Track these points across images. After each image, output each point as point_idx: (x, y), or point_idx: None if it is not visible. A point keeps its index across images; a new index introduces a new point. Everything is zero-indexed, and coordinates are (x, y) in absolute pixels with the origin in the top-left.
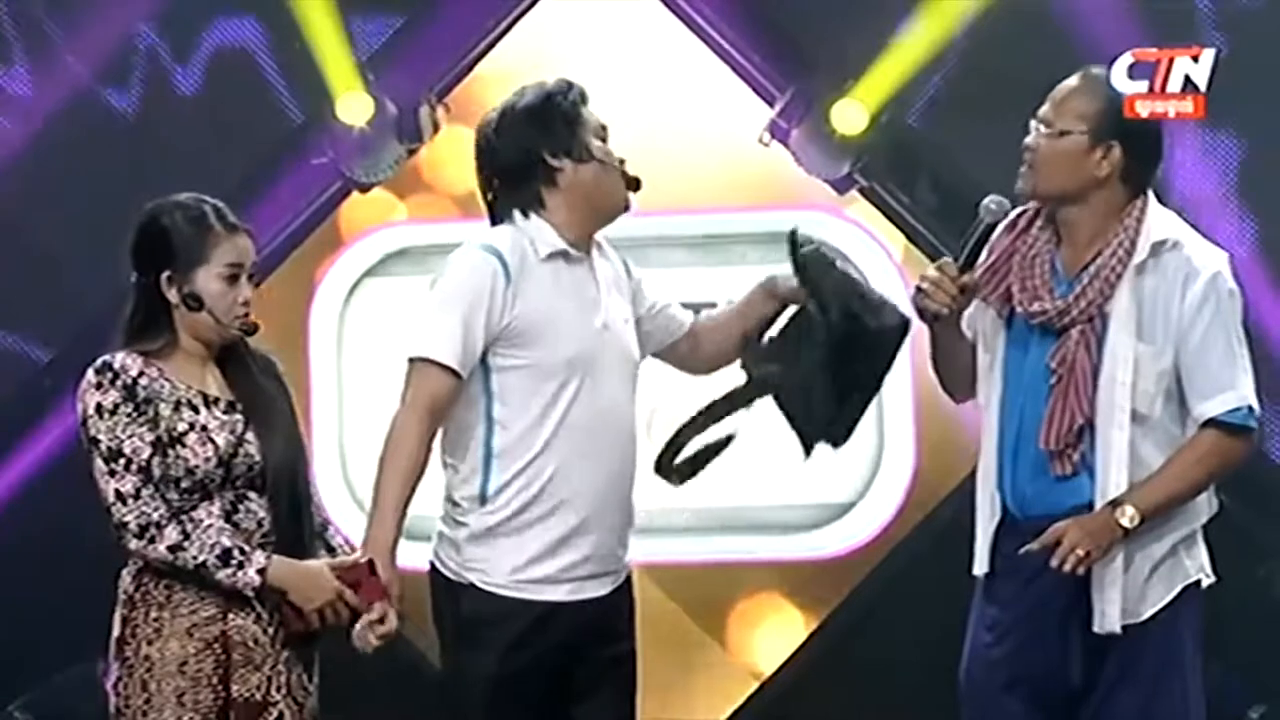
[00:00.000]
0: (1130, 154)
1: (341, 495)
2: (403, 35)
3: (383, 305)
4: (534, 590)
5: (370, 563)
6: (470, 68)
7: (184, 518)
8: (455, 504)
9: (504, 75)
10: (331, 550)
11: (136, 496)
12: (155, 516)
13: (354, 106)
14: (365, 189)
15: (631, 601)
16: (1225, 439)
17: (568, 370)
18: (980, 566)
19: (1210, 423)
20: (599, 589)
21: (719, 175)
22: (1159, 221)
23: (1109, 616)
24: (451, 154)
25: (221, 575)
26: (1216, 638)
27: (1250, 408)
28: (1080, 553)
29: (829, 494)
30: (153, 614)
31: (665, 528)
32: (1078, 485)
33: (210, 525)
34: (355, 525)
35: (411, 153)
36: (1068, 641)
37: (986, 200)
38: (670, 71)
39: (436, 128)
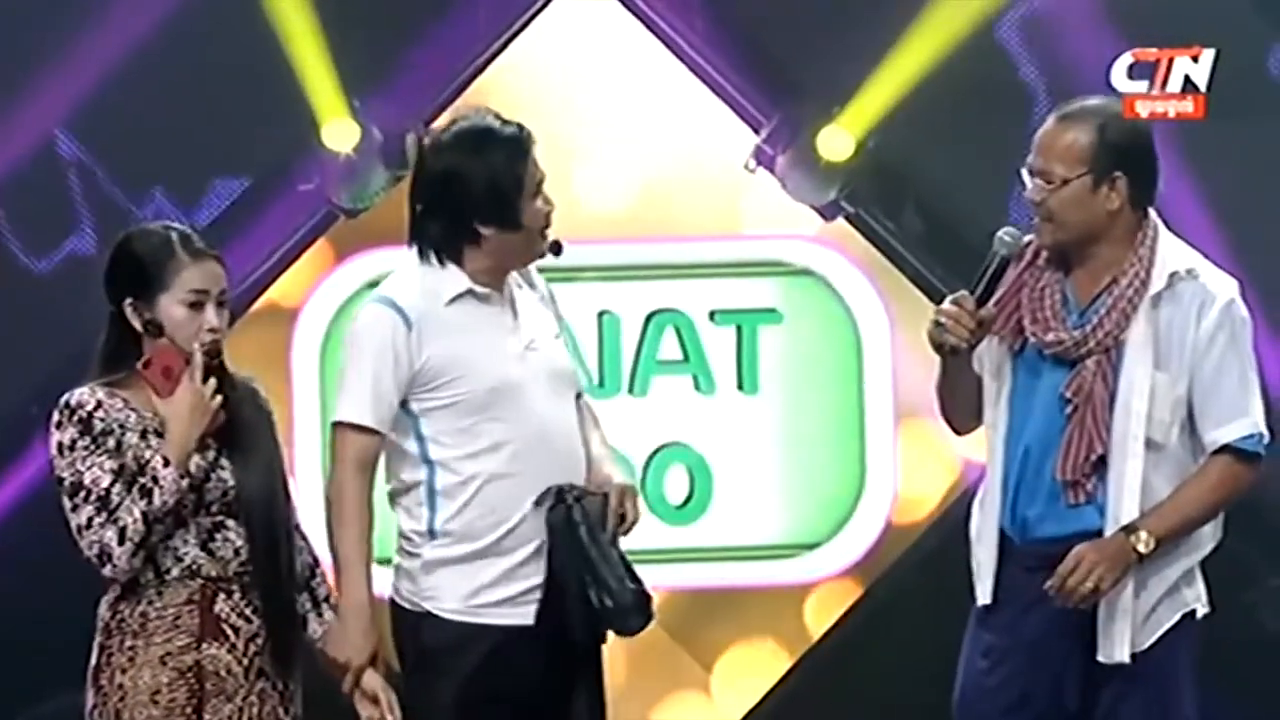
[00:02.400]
0: (1134, 178)
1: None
2: (389, 62)
3: None
4: (491, 615)
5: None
6: (457, 94)
7: (111, 511)
8: (407, 538)
9: (490, 102)
10: (318, 604)
11: (89, 527)
12: (106, 539)
13: (340, 133)
14: (351, 215)
15: None
16: (1237, 465)
17: (492, 400)
18: (984, 596)
19: (1223, 449)
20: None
21: (704, 202)
22: (1172, 251)
23: (1117, 647)
24: None
25: (159, 503)
26: (1205, 662)
27: (1261, 435)
28: (1096, 576)
29: (808, 522)
30: (127, 642)
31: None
32: (1084, 512)
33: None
34: None
35: (398, 179)
36: (1067, 668)
37: (1000, 233)
38: (656, 98)
39: None
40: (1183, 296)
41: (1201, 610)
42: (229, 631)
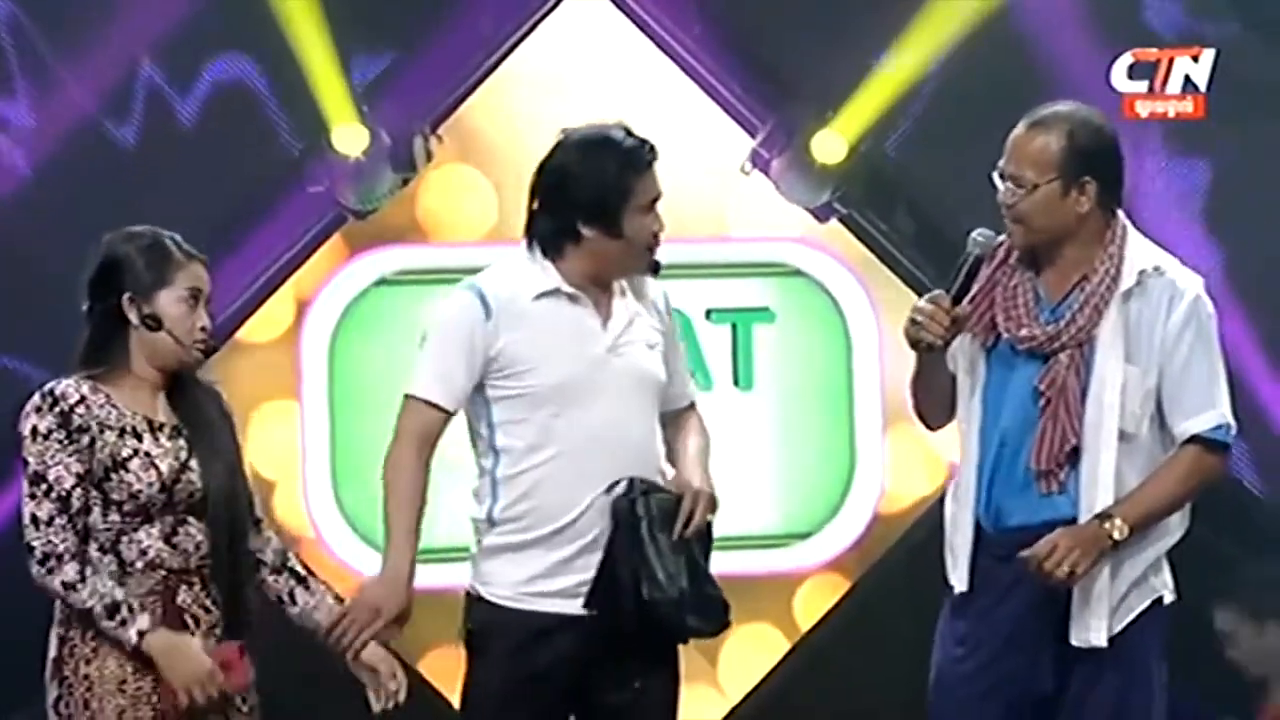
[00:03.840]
0: (1103, 181)
1: (332, 514)
2: (397, 68)
3: (378, 323)
4: (537, 602)
5: (241, 646)
6: (463, 99)
7: (85, 556)
8: (473, 523)
9: (493, 107)
10: (303, 581)
11: (49, 524)
12: (60, 549)
13: (349, 137)
14: (360, 217)
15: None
16: (1207, 456)
17: (558, 395)
18: (960, 584)
19: (1193, 440)
20: None
21: (701, 204)
22: (1140, 249)
23: (1092, 632)
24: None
25: (103, 625)
26: (1192, 656)
27: (1229, 425)
28: (1072, 560)
29: (799, 513)
30: (89, 633)
31: None
32: (1056, 502)
33: (104, 573)
34: (346, 544)
35: (405, 182)
36: (1040, 653)
37: (974, 234)
38: (655, 102)
39: (429, 158)
40: (1151, 292)
41: (1169, 597)
42: (190, 622)
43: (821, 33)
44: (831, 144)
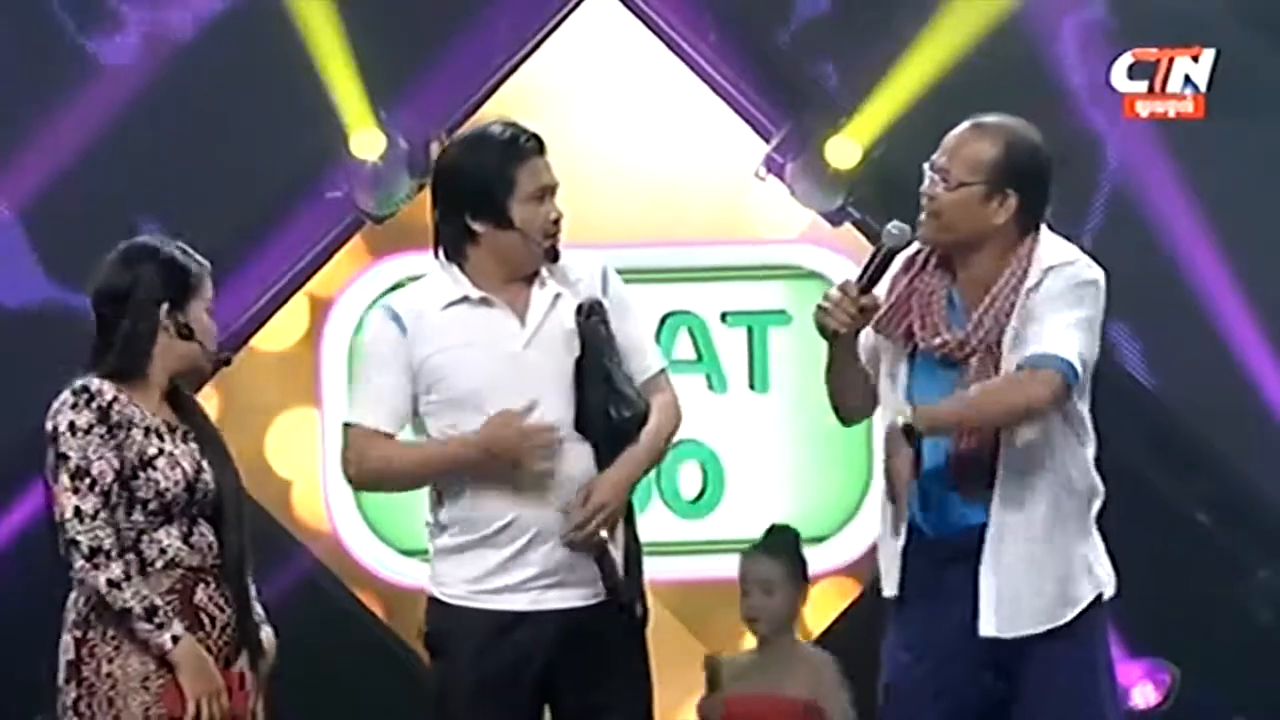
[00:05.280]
0: (1025, 200)
1: (353, 517)
2: (414, 74)
3: None
4: (492, 600)
5: (241, 675)
6: (480, 104)
7: (129, 557)
8: (427, 529)
9: (511, 112)
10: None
11: (94, 517)
12: (106, 544)
13: (367, 142)
14: (378, 221)
15: (627, 615)
16: (1025, 373)
17: (477, 399)
18: (890, 588)
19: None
20: (568, 600)
21: (717, 207)
22: (1050, 249)
23: (995, 624)
24: None
25: (139, 626)
26: (1196, 655)
27: (1065, 361)
28: None
29: (814, 517)
30: (110, 632)
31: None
32: (980, 504)
33: (142, 578)
34: (366, 546)
35: (422, 187)
36: (989, 657)
37: (889, 226)
38: (672, 108)
39: None
40: (1053, 285)
41: (1109, 593)
42: (206, 620)
43: (835, 39)
44: (845, 149)
